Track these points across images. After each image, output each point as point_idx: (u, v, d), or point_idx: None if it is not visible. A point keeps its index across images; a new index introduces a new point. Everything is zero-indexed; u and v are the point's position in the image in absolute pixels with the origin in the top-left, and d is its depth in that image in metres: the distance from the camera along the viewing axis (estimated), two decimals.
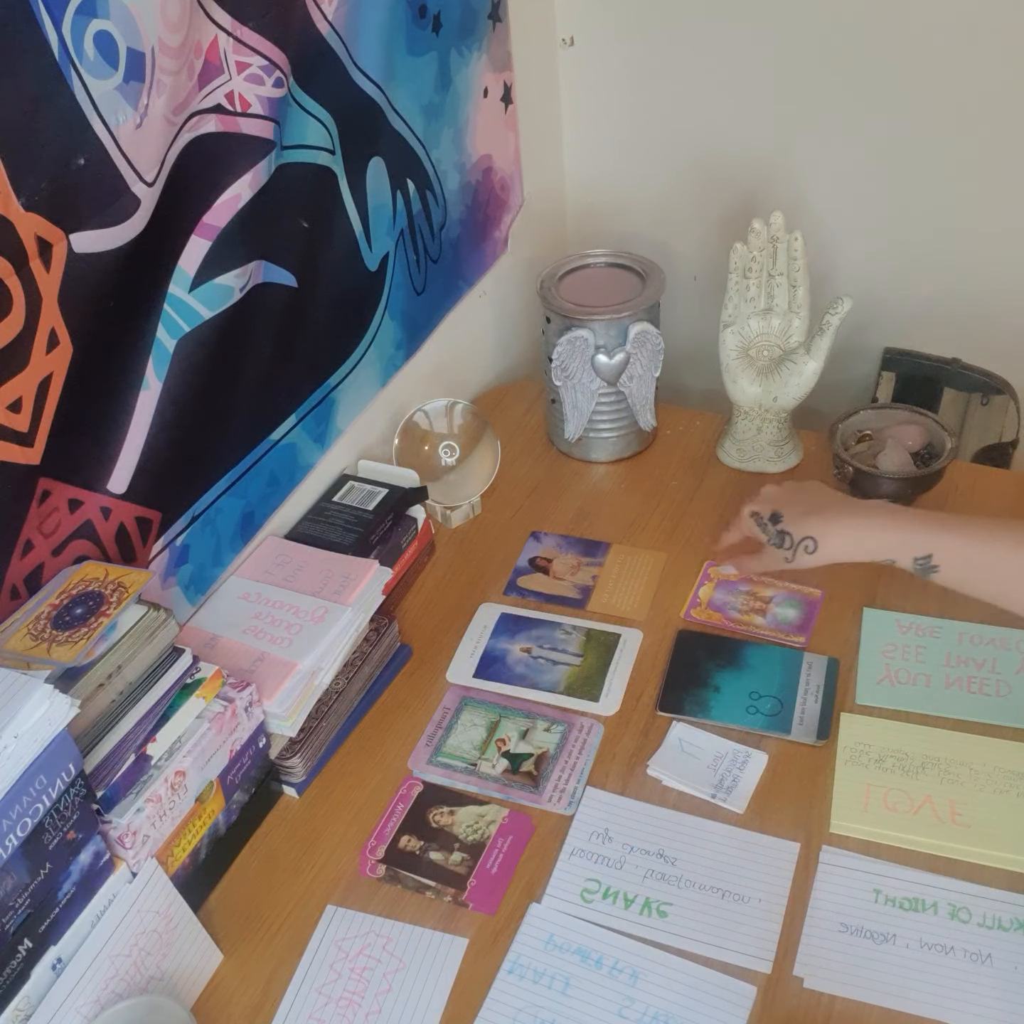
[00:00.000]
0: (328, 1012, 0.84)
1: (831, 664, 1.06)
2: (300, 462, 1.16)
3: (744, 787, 0.97)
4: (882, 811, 0.93)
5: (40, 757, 0.71)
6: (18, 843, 0.71)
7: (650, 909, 0.89)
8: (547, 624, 1.14)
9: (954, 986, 0.82)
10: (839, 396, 1.43)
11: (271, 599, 1.05)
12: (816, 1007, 0.82)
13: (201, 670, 0.89)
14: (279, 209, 1.02)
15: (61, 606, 0.82)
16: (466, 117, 1.31)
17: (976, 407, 1.46)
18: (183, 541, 1.01)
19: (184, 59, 0.86)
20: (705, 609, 1.13)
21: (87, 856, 0.78)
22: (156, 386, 0.93)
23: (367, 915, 0.91)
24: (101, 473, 0.91)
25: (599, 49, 1.49)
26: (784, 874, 0.90)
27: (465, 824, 0.96)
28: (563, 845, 0.94)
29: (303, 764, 0.99)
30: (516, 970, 0.86)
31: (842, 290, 1.22)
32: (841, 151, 1.42)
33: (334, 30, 1.04)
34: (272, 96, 0.96)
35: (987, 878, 0.88)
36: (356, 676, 1.05)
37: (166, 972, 0.84)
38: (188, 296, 0.93)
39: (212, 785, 0.91)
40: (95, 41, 0.78)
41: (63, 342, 0.82)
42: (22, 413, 0.81)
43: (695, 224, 1.56)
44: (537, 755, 1.01)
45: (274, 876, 0.94)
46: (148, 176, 0.85)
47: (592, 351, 1.27)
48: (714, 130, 1.48)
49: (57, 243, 0.79)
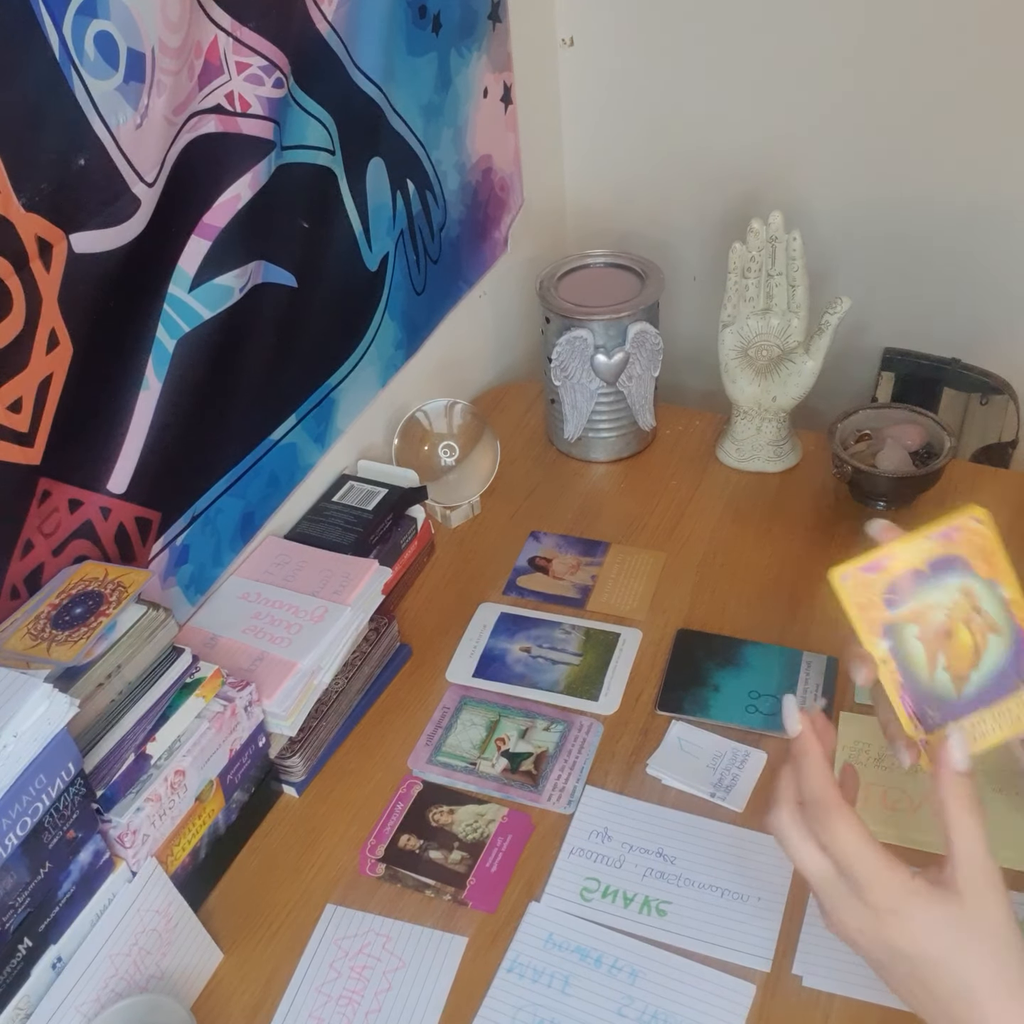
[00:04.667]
0: (328, 1010, 0.85)
1: (830, 663, 1.06)
2: (300, 462, 1.16)
3: (743, 786, 0.97)
4: (881, 810, 0.93)
5: (39, 756, 0.71)
6: (18, 842, 0.71)
7: (649, 908, 0.89)
8: (546, 624, 1.14)
9: None
10: (838, 396, 1.43)
11: (271, 599, 1.05)
12: (815, 1005, 0.82)
13: (201, 669, 0.89)
14: (279, 209, 1.02)
15: (61, 606, 0.82)
16: (466, 117, 1.31)
17: (975, 407, 1.46)
18: (183, 541, 1.01)
19: (184, 59, 0.86)
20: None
21: (87, 855, 0.78)
22: (156, 386, 0.93)
23: (367, 914, 0.91)
24: (101, 473, 0.91)
25: (599, 49, 1.49)
26: (783, 872, 0.90)
27: (465, 823, 0.96)
28: (562, 844, 0.94)
29: (303, 763, 0.99)
30: (515, 968, 0.86)
31: (841, 290, 1.22)
32: (841, 151, 1.42)
33: (334, 30, 1.04)
34: (272, 96, 0.96)
35: None
36: (356, 676, 1.05)
37: (166, 971, 0.84)
38: (188, 296, 0.94)
39: (212, 784, 0.91)
40: (95, 41, 0.78)
41: (63, 342, 0.82)
42: (22, 413, 0.81)
43: (694, 224, 1.56)
44: (536, 754, 1.01)
45: (274, 875, 0.94)
46: (148, 176, 0.85)
47: (591, 351, 1.27)
48: (714, 130, 1.48)
49: (57, 243, 0.79)
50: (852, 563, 0.66)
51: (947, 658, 0.66)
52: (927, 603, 0.66)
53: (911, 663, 0.67)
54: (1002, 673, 0.67)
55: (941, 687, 0.67)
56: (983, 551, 0.67)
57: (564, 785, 0.99)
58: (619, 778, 0.99)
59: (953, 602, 0.66)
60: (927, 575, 0.66)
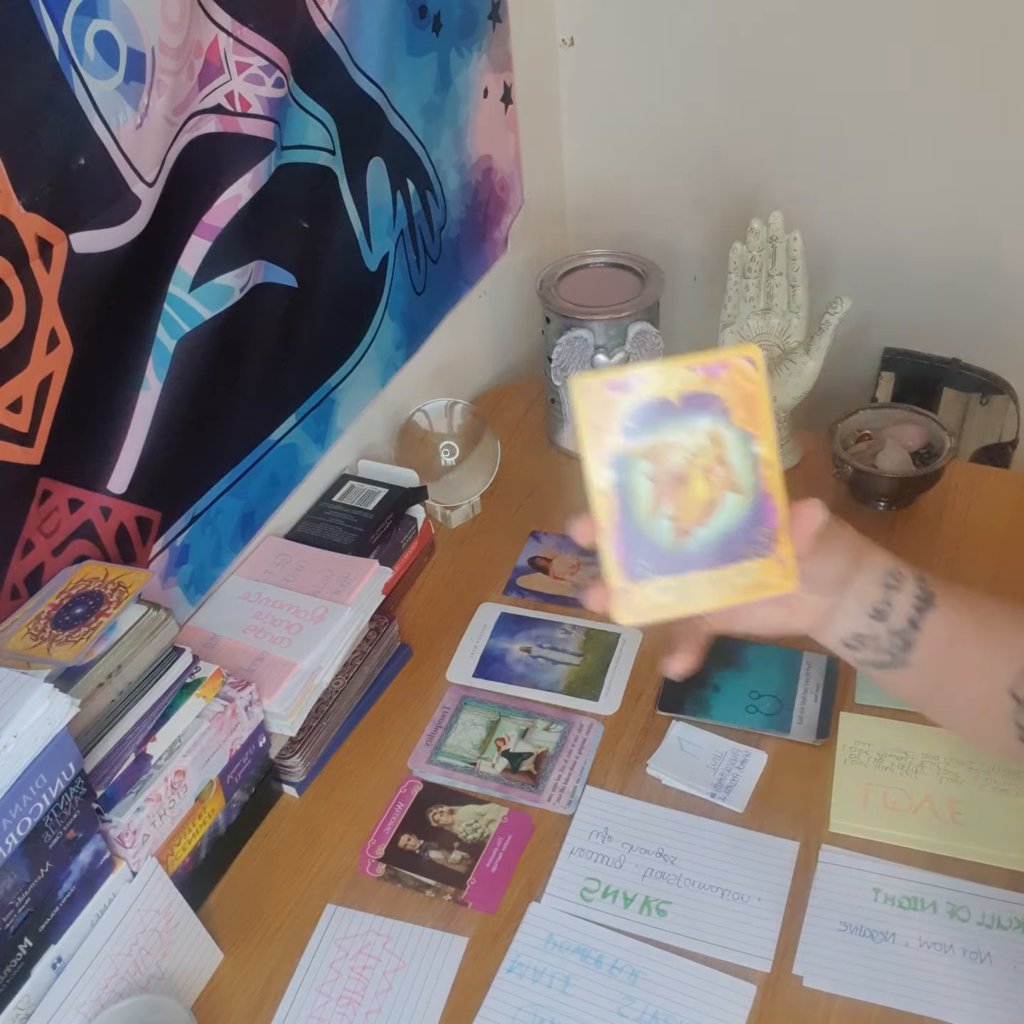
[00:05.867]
0: (328, 1011, 0.84)
1: (830, 663, 1.06)
2: (300, 462, 1.16)
3: (743, 786, 0.97)
4: (881, 810, 0.93)
5: (40, 756, 0.71)
6: (18, 842, 0.71)
7: (650, 908, 0.89)
8: (547, 623, 1.14)
9: (953, 985, 0.82)
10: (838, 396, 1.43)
11: (271, 599, 1.05)
12: (815, 1006, 0.82)
13: (201, 669, 0.89)
14: (279, 209, 1.02)
15: (61, 606, 0.82)
16: (466, 117, 1.31)
17: (976, 407, 1.46)
18: (183, 541, 1.01)
19: (184, 59, 0.86)
20: None
21: (87, 855, 0.78)
22: (156, 386, 0.93)
23: (367, 914, 0.91)
24: (101, 473, 0.91)
25: (599, 49, 1.49)
26: (783, 873, 0.90)
27: (465, 823, 0.96)
28: (563, 844, 0.94)
29: (303, 763, 0.99)
30: (516, 969, 0.86)
31: (841, 290, 1.22)
32: (840, 150, 1.42)
33: (334, 30, 1.04)
34: (272, 96, 0.96)
35: (986, 877, 0.88)
36: (356, 675, 1.05)
37: (166, 971, 0.84)
38: (188, 296, 0.94)
39: (212, 784, 0.91)
40: (96, 41, 0.78)
41: (63, 342, 0.82)
42: (22, 413, 0.81)
43: (695, 224, 1.56)
44: (537, 754, 1.01)
45: (274, 875, 0.94)
46: (148, 176, 0.85)
47: (591, 351, 1.27)
48: (714, 130, 1.48)
49: (57, 243, 0.79)
50: (598, 375, 0.58)
51: (674, 507, 0.58)
52: (668, 441, 0.58)
53: (633, 503, 0.58)
54: (731, 537, 0.59)
55: (659, 536, 0.58)
56: (747, 398, 0.58)
57: (564, 785, 0.99)
58: (619, 778, 0.99)
59: (697, 446, 0.58)
60: (677, 409, 0.58)
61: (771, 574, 0.59)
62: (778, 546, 0.59)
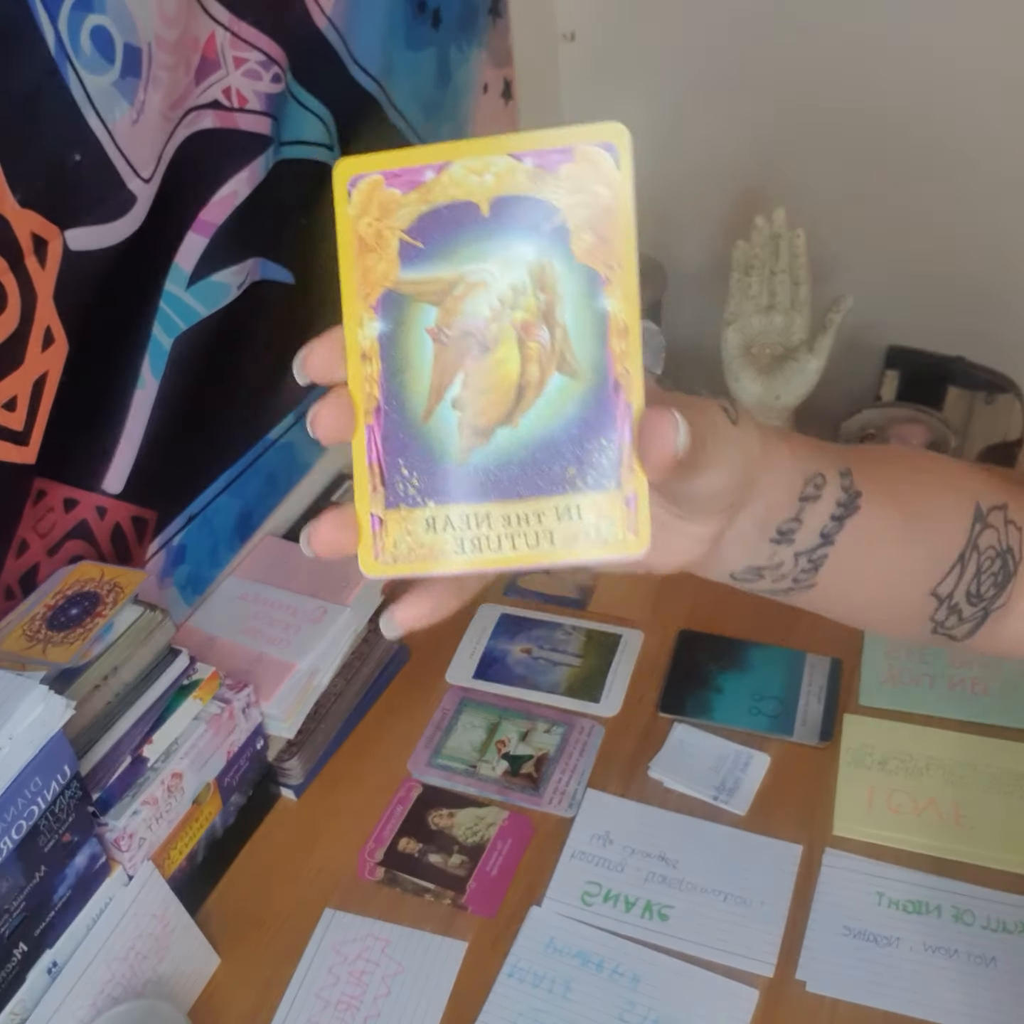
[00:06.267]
0: (326, 1016, 0.84)
1: (834, 665, 1.05)
2: (298, 461, 1.16)
3: (746, 789, 0.96)
4: (885, 813, 0.92)
5: (35, 759, 0.71)
6: (13, 846, 0.71)
7: (651, 912, 0.88)
8: (547, 625, 1.14)
9: (958, 989, 0.82)
10: (842, 394, 1.42)
11: (269, 599, 1.05)
12: (819, 1011, 0.82)
13: (198, 671, 0.89)
14: (277, 206, 1.01)
15: (56, 606, 0.81)
16: (466, 113, 1.30)
17: (981, 406, 1.45)
18: (180, 541, 1.00)
19: (181, 54, 0.86)
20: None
21: (83, 859, 0.78)
22: (152, 384, 0.92)
23: (365, 918, 0.90)
24: (97, 472, 0.90)
25: (600, 44, 1.48)
26: (787, 876, 0.89)
27: (464, 826, 0.95)
28: (563, 847, 0.93)
29: (301, 766, 0.98)
30: (516, 974, 0.85)
31: (845, 287, 1.21)
32: (844, 148, 1.41)
33: (332, 25, 1.03)
34: (270, 92, 0.95)
35: (991, 880, 0.88)
36: (355, 677, 1.04)
37: (163, 976, 0.83)
38: (185, 294, 0.93)
39: (209, 787, 0.90)
40: (91, 36, 0.78)
41: (58, 340, 0.81)
42: (17, 412, 0.80)
43: (696, 221, 1.55)
44: (537, 757, 1.01)
45: (272, 879, 0.94)
46: (145, 172, 0.84)
47: None
48: (716, 126, 1.47)
49: (52, 240, 0.78)
50: (375, 160, 0.38)
51: (468, 388, 0.38)
52: (469, 276, 0.38)
53: (406, 376, 0.38)
54: (552, 447, 0.38)
55: (439, 435, 0.38)
56: (600, 213, 0.37)
57: (565, 788, 0.98)
58: (621, 781, 0.98)
59: (513, 290, 0.37)
60: (486, 223, 0.37)
61: (611, 521, 0.38)
62: (628, 475, 0.37)
